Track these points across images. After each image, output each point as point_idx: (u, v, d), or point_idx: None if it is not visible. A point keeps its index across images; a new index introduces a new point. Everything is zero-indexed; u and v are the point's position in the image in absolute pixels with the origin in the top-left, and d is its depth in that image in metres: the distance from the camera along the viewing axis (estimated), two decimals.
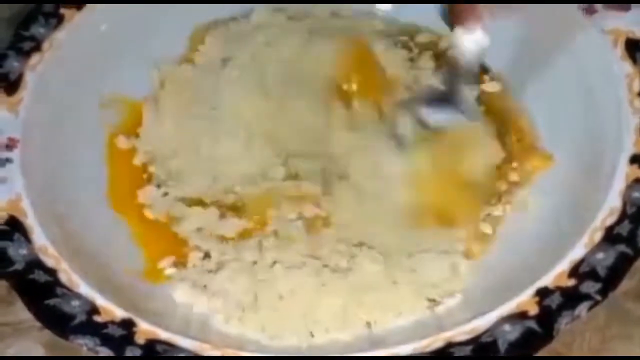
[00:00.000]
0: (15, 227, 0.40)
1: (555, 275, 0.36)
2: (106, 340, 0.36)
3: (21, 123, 0.44)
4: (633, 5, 0.44)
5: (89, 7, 0.48)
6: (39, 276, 0.38)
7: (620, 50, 0.43)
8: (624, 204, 0.38)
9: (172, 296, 0.40)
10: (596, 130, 0.43)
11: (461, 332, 0.35)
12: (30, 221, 0.40)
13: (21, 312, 0.39)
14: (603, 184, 0.39)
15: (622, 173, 0.39)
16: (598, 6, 0.45)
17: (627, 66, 0.43)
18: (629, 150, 0.40)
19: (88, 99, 0.47)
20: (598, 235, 0.37)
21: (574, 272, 0.36)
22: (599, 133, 0.42)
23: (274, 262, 0.40)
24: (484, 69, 0.49)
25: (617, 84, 0.43)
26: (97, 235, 0.42)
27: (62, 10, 0.48)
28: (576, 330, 0.37)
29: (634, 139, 0.40)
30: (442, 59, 0.47)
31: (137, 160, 0.46)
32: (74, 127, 0.46)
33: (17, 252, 0.39)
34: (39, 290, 0.37)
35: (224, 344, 0.37)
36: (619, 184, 0.39)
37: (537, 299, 0.36)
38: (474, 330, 0.35)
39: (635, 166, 0.39)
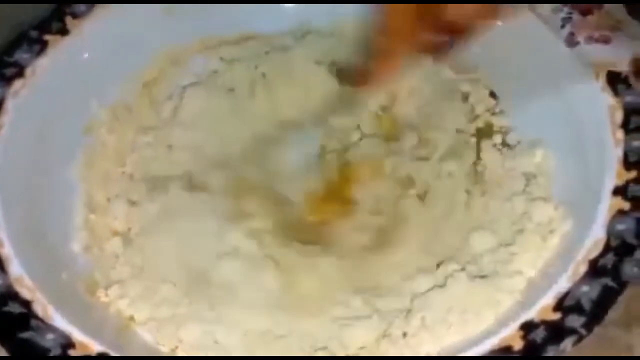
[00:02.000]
0: None
1: (540, 308, 0.36)
2: None
3: (0, 150, 0.43)
4: (613, 39, 0.45)
5: (74, 34, 0.48)
6: (14, 308, 0.37)
7: (602, 82, 0.43)
8: (608, 237, 0.38)
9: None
10: (580, 162, 0.43)
11: None
12: (7, 251, 0.39)
13: None
14: (587, 216, 0.39)
15: (606, 205, 0.39)
16: (579, 38, 0.45)
17: (609, 98, 0.43)
18: (612, 181, 0.40)
19: (69, 126, 0.47)
20: (582, 268, 0.37)
21: (558, 305, 0.36)
22: (583, 165, 0.43)
23: None
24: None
25: (600, 116, 0.43)
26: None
27: (47, 37, 0.47)
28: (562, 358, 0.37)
29: (617, 171, 0.40)
30: None
31: None
32: (55, 155, 0.45)
33: None
34: (13, 323, 0.36)
35: None
36: (602, 216, 0.39)
37: (521, 333, 0.35)
38: None
39: (618, 197, 0.39)
